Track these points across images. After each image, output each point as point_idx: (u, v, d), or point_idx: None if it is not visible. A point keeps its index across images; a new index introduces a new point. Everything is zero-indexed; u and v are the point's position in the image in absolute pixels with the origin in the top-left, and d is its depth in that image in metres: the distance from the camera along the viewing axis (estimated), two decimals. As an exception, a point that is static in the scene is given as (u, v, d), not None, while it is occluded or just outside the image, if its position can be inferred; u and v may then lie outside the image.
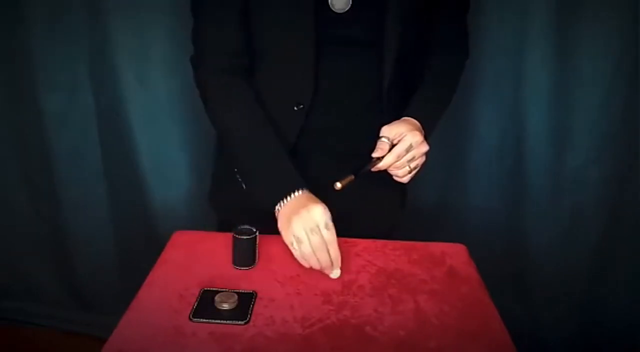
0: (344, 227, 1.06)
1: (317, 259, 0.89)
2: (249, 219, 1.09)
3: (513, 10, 1.45)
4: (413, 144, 0.97)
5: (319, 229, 0.88)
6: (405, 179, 1.01)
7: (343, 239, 1.04)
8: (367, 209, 1.13)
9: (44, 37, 1.60)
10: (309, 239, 0.88)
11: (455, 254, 1.02)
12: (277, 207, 0.94)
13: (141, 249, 1.77)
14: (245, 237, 0.94)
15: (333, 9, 0.97)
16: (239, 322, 0.81)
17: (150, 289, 0.89)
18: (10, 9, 1.58)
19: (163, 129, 1.67)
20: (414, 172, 1.00)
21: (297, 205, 0.92)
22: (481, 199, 1.67)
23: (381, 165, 0.98)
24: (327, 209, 0.91)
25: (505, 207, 1.66)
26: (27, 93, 1.67)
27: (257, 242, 0.95)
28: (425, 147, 0.99)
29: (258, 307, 0.84)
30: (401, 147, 0.97)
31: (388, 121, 1.01)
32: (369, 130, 1.02)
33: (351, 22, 0.98)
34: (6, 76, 1.68)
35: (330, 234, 0.89)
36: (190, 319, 0.81)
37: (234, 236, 0.94)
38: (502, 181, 1.63)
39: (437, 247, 1.03)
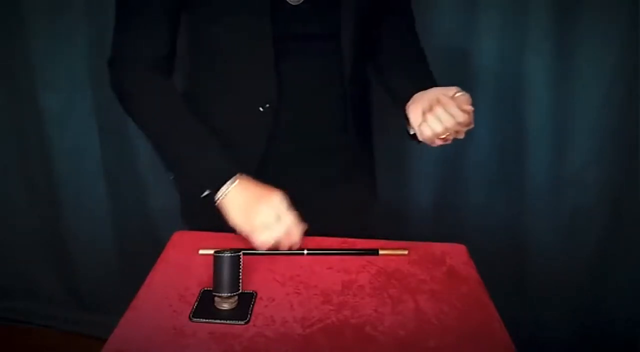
0: (314, 227, 1.05)
1: (289, 239, 0.92)
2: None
3: (513, 11, 1.45)
4: (440, 99, 0.91)
5: (286, 214, 0.91)
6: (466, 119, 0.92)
7: (342, 239, 1.04)
8: (335, 209, 1.12)
9: (44, 37, 1.60)
10: (279, 223, 0.90)
11: (455, 254, 1.02)
12: (218, 196, 0.93)
13: (141, 249, 1.77)
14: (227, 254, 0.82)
15: (289, 2, 0.96)
16: (239, 322, 0.81)
17: (150, 289, 0.89)
18: (10, 8, 1.58)
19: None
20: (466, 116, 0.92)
21: (251, 193, 0.93)
22: (481, 199, 1.66)
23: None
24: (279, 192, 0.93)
25: (505, 207, 1.66)
26: (27, 93, 1.67)
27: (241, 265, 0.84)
28: (451, 91, 0.92)
29: (258, 307, 0.84)
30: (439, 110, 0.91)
31: (352, 115, 1.04)
32: (335, 124, 1.04)
33: (308, 17, 0.98)
34: (6, 76, 1.69)
35: (293, 215, 0.92)
36: (190, 319, 0.81)
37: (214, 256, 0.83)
38: (502, 180, 1.63)
39: (437, 247, 1.03)
